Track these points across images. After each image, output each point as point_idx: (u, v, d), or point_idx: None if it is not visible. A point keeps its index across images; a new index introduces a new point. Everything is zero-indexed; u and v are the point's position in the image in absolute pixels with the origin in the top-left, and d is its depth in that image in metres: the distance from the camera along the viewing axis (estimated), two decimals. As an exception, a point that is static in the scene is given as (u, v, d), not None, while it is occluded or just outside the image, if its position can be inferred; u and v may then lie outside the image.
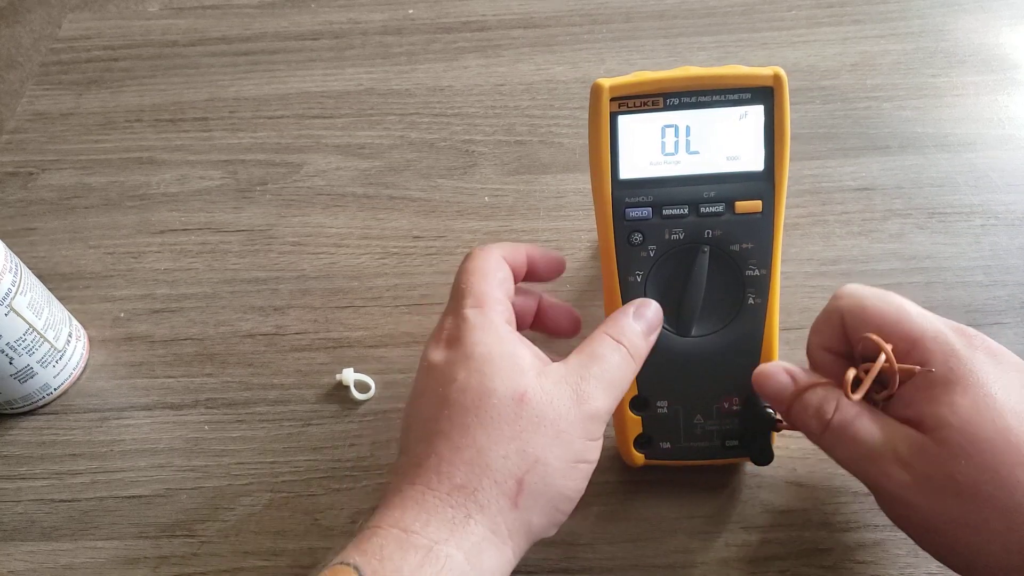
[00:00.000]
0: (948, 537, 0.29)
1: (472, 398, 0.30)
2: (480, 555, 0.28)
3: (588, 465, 0.31)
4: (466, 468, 0.29)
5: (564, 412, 0.30)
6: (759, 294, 0.35)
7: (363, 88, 0.59)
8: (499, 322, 0.32)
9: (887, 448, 0.29)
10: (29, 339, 0.42)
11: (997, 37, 0.58)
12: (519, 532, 0.29)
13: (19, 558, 0.39)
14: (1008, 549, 0.27)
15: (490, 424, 0.29)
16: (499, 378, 0.30)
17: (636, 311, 0.34)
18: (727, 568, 0.37)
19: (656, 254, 0.35)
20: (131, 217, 0.53)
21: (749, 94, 0.34)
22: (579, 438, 0.30)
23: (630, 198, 0.35)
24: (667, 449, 0.38)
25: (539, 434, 0.29)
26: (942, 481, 0.28)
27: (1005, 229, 0.48)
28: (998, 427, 0.27)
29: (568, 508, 0.31)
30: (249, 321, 0.47)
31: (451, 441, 0.29)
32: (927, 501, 0.28)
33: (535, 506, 0.29)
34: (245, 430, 0.43)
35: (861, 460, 0.30)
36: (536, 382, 0.30)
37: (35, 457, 0.43)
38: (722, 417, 0.37)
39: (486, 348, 0.31)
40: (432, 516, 0.28)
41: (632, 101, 0.34)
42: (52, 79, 0.62)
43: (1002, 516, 0.27)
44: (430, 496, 0.29)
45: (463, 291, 0.33)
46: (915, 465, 0.28)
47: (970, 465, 0.27)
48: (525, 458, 0.29)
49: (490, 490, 0.29)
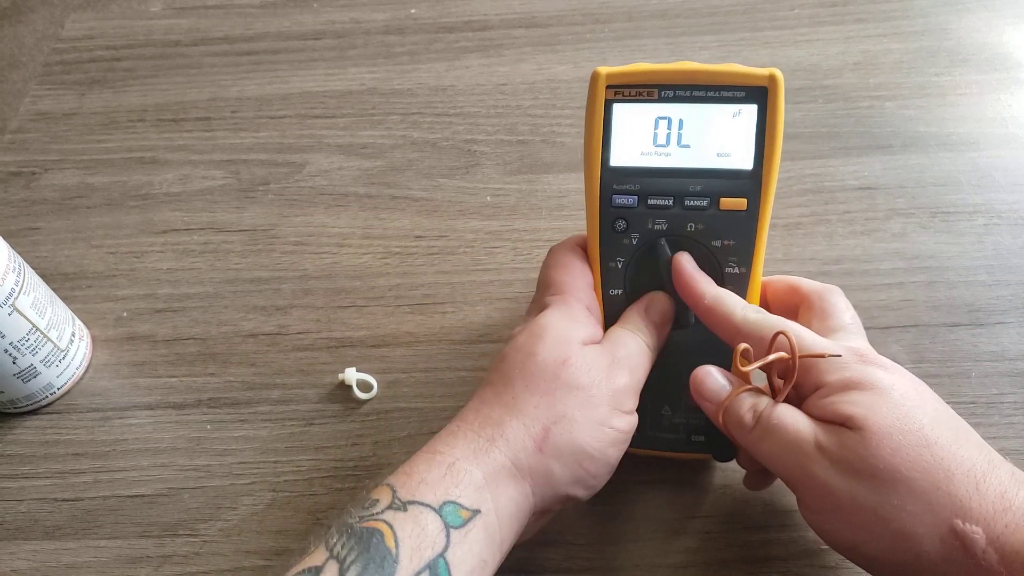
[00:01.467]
0: (870, 528, 0.30)
1: (522, 356, 0.34)
2: (498, 478, 0.31)
3: (614, 432, 0.33)
4: (501, 409, 0.32)
5: (597, 381, 0.33)
6: (737, 292, 0.35)
7: (365, 88, 0.59)
8: (576, 306, 0.35)
9: (811, 438, 0.31)
10: (32, 339, 0.42)
11: (1000, 36, 0.58)
12: (540, 474, 0.32)
13: (22, 557, 0.40)
14: (927, 531, 0.28)
15: (530, 378, 0.33)
16: (548, 343, 0.34)
17: (647, 307, 0.36)
18: (728, 568, 0.37)
19: (639, 243, 0.36)
20: (134, 217, 0.53)
21: (744, 93, 0.34)
22: (607, 405, 0.33)
23: (618, 185, 0.35)
24: (633, 437, 0.38)
25: (572, 395, 0.32)
26: (860, 465, 0.29)
27: (1008, 228, 0.48)
28: (898, 415, 0.30)
29: (593, 469, 0.33)
30: (251, 321, 0.47)
31: (495, 388, 0.33)
32: (848, 487, 0.30)
33: (558, 455, 0.32)
34: (247, 430, 0.43)
35: (787, 452, 0.31)
36: (579, 352, 0.34)
37: (38, 456, 0.43)
38: (690, 411, 0.37)
39: (548, 321, 0.35)
40: (459, 441, 0.32)
41: (628, 90, 0.35)
42: (55, 79, 0.62)
43: (918, 498, 0.29)
44: (464, 427, 0.33)
45: (545, 284, 0.37)
46: (836, 452, 0.30)
47: (882, 448, 0.29)
48: (555, 411, 0.32)
49: (518, 429, 0.32)
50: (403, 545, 0.28)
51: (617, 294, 0.37)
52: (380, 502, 0.30)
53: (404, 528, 0.29)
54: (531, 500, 0.32)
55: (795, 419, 0.32)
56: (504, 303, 0.47)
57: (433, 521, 0.29)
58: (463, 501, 0.30)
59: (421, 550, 0.28)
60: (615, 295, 0.37)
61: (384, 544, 0.28)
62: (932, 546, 0.28)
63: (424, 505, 0.30)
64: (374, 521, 0.29)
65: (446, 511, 0.30)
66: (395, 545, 0.28)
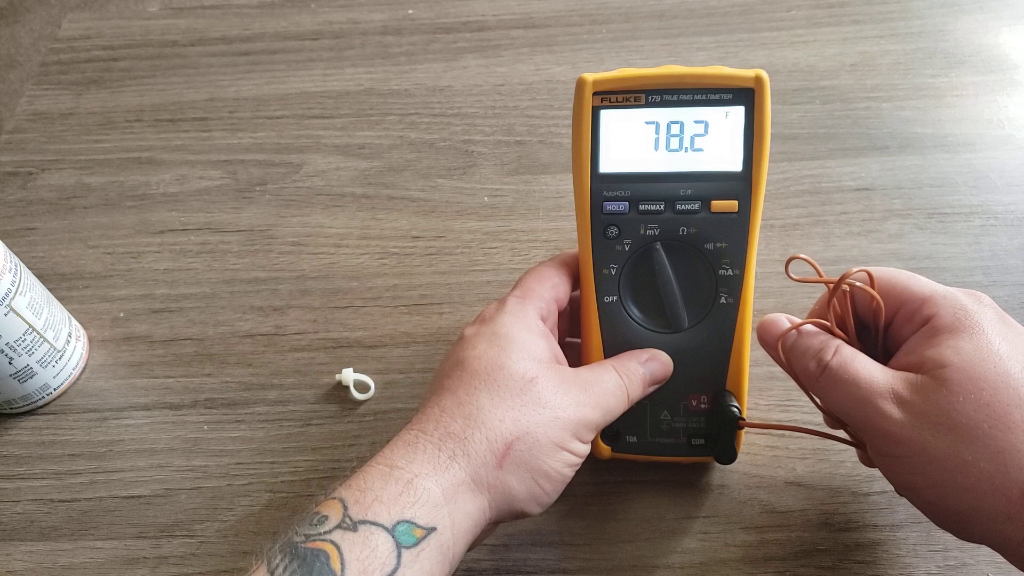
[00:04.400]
0: (935, 477, 0.29)
1: (486, 366, 0.33)
2: (456, 494, 0.30)
3: (572, 456, 0.33)
4: (463, 420, 0.31)
5: (564, 406, 0.32)
6: (731, 294, 0.36)
7: (363, 88, 0.59)
8: (532, 313, 0.35)
9: (885, 387, 0.30)
10: (29, 339, 0.42)
11: (997, 37, 0.58)
12: (498, 489, 0.31)
13: (18, 558, 0.39)
14: (994, 490, 0.28)
15: (496, 391, 0.32)
16: (516, 357, 0.33)
17: (648, 360, 0.36)
18: (726, 568, 0.37)
19: (631, 249, 0.36)
20: (131, 217, 0.53)
21: (731, 95, 0.34)
22: (569, 431, 0.32)
23: (608, 192, 0.35)
24: (633, 443, 0.38)
25: (537, 413, 0.32)
26: (938, 418, 0.29)
27: (1004, 229, 0.48)
28: (999, 370, 0.29)
29: (548, 487, 0.32)
30: (248, 321, 0.47)
31: (456, 396, 0.32)
32: (920, 437, 0.29)
33: (517, 471, 0.31)
34: (244, 430, 0.43)
35: (856, 401, 0.31)
36: (548, 372, 0.33)
37: (34, 457, 0.43)
38: (689, 415, 0.37)
39: (511, 330, 0.34)
40: (419, 455, 0.31)
41: (615, 96, 0.35)
42: (52, 79, 0.62)
43: (994, 456, 0.28)
44: (423, 439, 0.31)
45: (515, 284, 0.37)
46: (912, 402, 0.29)
47: (968, 403, 0.28)
48: (519, 426, 0.31)
49: (480, 443, 0.31)
50: (349, 568, 0.27)
51: (612, 301, 0.37)
52: (329, 519, 0.29)
53: (352, 550, 0.28)
54: (487, 514, 0.31)
55: (868, 368, 0.31)
56: (502, 304, 0.47)
57: (384, 541, 0.28)
58: (419, 520, 0.29)
59: (368, 573, 0.27)
60: (610, 302, 0.37)
61: (329, 567, 0.27)
62: (996, 504, 0.28)
63: (376, 525, 0.28)
64: (320, 541, 0.28)
65: (399, 530, 0.29)
66: (341, 568, 0.27)
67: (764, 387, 0.42)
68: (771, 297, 0.45)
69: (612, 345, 0.37)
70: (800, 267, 0.33)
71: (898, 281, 0.33)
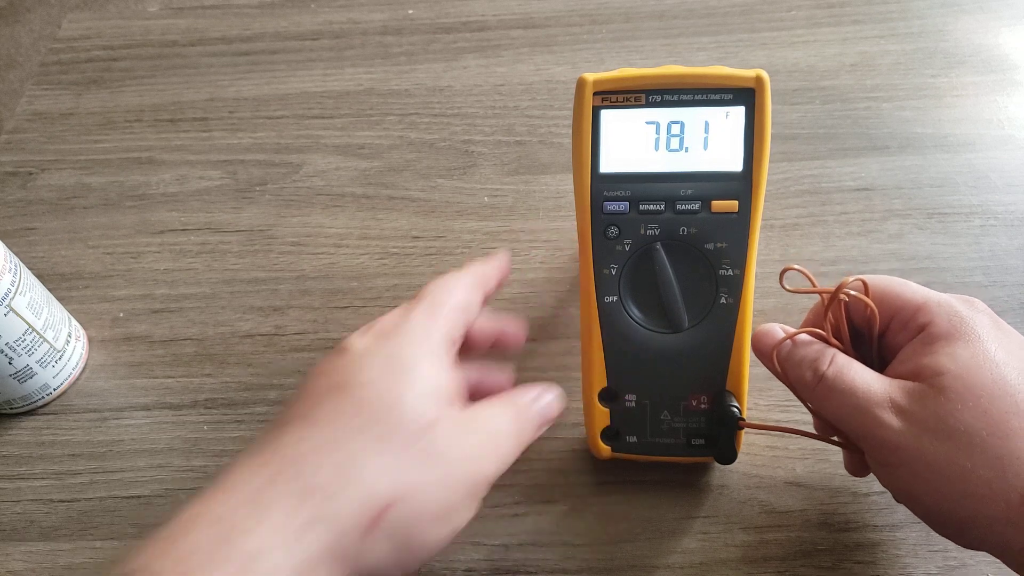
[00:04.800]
0: (934, 485, 0.29)
1: (377, 396, 0.27)
2: (309, 570, 0.24)
3: (457, 524, 0.28)
4: (334, 469, 0.25)
5: (460, 460, 0.28)
6: (731, 294, 0.36)
7: (363, 88, 0.59)
8: (439, 338, 0.30)
9: (882, 396, 0.30)
10: (28, 339, 0.42)
11: (997, 38, 0.58)
12: (362, 558, 0.25)
13: (18, 558, 0.39)
14: (994, 496, 0.28)
15: (383, 435, 0.26)
16: (416, 391, 0.27)
17: (537, 397, 0.32)
18: (726, 568, 0.37)
19: (632, 249, 0.36)
20: (130, 217, 0.53)
21: (731, 95, 0.34)
22: (463, 491, 0.28)
23: (608, 192, 0.36)
24: (633, 443, 0.38)
25: (427, 470, 0.26)
26: (936, 425, 0.28)
27: (1004, 229, 0.48)
28: (995, 377, 0.28)
29: (422, 555, 0.27)
30: (248, 321, 0.47)
31: (328, 433, 0.26)
32: (919, 445, 0.29)
33: (386, 542, 0.26)
34: (244, 430, 0.43)
35: (854, 410, 0.30)
36: (448, 416, 0.28)
37: (34, 457, 0.43)
38: (689, 415, 0.37)
39: (414, 353, 0.28)
40: (269, 515, 0.24)
41: (615, 96, 0.35)
42: (52, 79, 0.62)
43: (993, 463, 0.28)
44: (279, 486, 0.25)
45: (420, 295, 0.32)
46: (910, 410, 0.29)
47: (966, 410, 0.28)
48: (401, 486, 0.26)
49: (350, 504, 0.25)
50: None
51: (612, 301, 0.37)
52: None
53: None
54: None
55: (864, 378, 0.31)
56: (501, 303, 0.47)
57: None
58: None
59: None
60: (610, 302, 0.37)
61: None
62: (996, 509, 0.28)
63: None
64: None
65: None
66: None
67: (764, 387, 0.42)
68: (771, 297, 0.45)
69: (612, 345, 0.37)
70: (794, 276, 0.33)
71: (891, 289, 0.33)
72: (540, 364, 0.44)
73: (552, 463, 0.41)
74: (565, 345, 0.45)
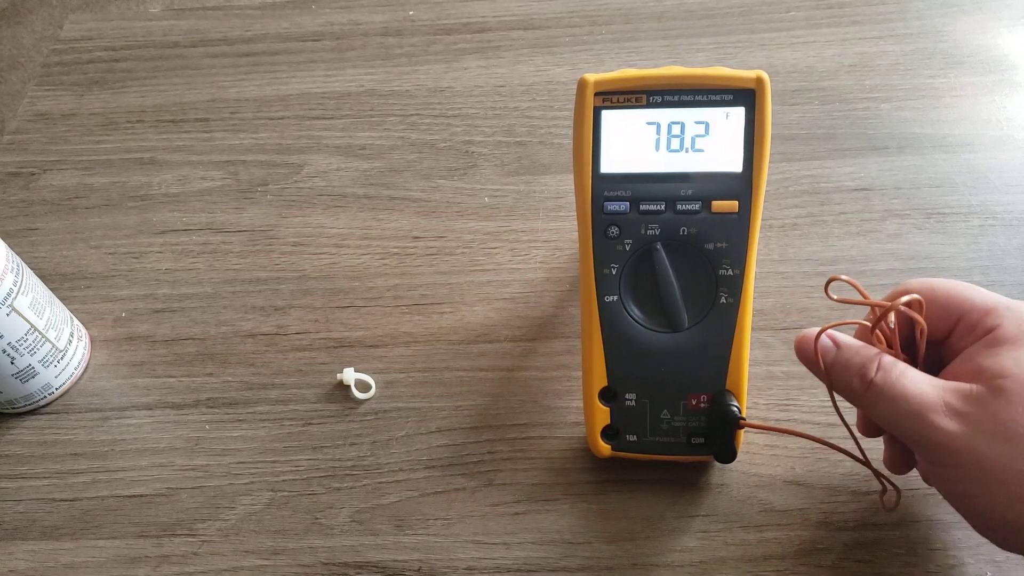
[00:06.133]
0: (989, 487, 0.29)
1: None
2: None
3: None
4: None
5: None
6: (731, 294, 0.36)
7: (364, 89, 0.59)
8: None
9: (936, 400, 0.29)
10: (31, 339, 0.42)
11: (996, 38, 0.59)
12: None
13: (20, 557, 0.40)
14: None
15: None
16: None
17: None
18: (726, 567, 0.37)
19: (632, 248, 0.36)
20: (132, 217, 0.53)
21: (732, 96, 0.34)
22: None
23: (609, 192, 0.36)
24: (633, 442, 0.38)
25: None
26: (994, 427, 0.28)
27: (1003, 229, 0.48)
28: None
29: None
30: (250, 321, 0.48)
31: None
32: (975, 448, 0.28)
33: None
34: (246, 429, 0.43)
35: (906, 416, 0.30)
36: None
37: (36, 456, 0.43)
38: (689, 414, 0.38)
39: None
40: None
41: (616, 97, 0.35)
42: (54, 80, 0.62)
43: None
44: None
45: None
46: (967, 412, 0.29)
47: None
48: None
49: None
50: None
51: (612, 300, 0.37)
52: None
53: None
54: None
55: (916, 382, 0.30)
56: (501, 303, 0.47)
57: None
58: None
59: None
60: (610, 301, 0.37)
61: None
62: None
63: None
64: None
65: None
66: None
67: (764, 387, 0.42)
68: (771, 297, 0.45)
69: (612, 344, 0.37)
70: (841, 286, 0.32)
71: (958, 292, 0.32)
72: (540, 363, 0.44)
73: (552, 462, 0.41)
74: (565, 344, 0.45)
